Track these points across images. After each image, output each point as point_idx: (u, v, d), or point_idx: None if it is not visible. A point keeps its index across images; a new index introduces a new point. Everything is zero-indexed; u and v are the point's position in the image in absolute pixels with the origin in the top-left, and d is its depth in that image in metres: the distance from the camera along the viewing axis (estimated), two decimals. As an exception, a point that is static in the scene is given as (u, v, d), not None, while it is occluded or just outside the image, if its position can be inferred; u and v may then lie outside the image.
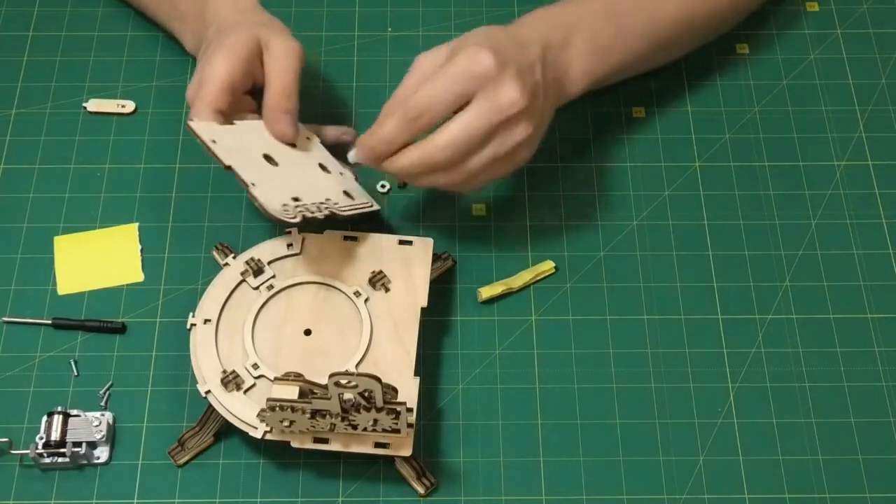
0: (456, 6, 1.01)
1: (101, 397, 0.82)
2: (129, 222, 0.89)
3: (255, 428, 0.75)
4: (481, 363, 0.84)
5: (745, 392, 0.83)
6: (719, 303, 0.86)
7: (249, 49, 0.82)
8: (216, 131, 0.79)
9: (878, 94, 0.97)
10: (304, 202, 0.79)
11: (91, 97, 0.95)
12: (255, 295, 0.81)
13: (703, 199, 0.91)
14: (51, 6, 1.01)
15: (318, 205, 0.79)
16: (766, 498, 0.79)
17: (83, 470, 0.79)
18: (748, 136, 0.95)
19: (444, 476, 0.79)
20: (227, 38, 0.83)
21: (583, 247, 0.89)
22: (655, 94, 0.96)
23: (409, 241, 0.84)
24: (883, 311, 0.86)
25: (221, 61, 0.81)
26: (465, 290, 0.87)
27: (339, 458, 0.79)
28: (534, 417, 0.82)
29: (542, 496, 0.79)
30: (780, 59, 0.99)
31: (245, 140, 0.81)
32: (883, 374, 0.84)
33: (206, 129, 0.79)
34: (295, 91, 0.83)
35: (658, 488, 0.79)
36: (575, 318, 0.86)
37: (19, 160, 0.92)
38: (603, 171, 0.93)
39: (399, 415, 0.72)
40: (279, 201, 0.77)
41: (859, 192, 0.92)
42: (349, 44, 0.99)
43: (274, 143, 0.83)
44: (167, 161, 0.92)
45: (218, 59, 0.81)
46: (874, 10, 1.02)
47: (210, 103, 0.80)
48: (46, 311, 0.85)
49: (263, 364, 0.78)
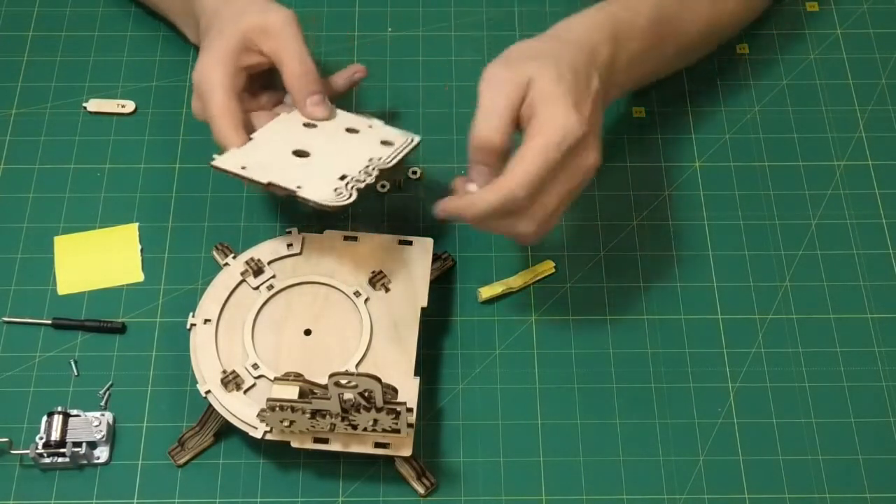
0: (456, 6, 1.01)
1: (101, 397, 0.82)
2: (129, 222, 0.89)
3: (255, 428, 0.75)
4: (481, 363, 0.84)
5: (745, 392, 0.83)
6: (719, 303, 0.86)
7: (235, 47, 0.80)
8: (239, 156, 0.78)
9: (878, 94, 0.97)
10: (350, 175, 0.78)
11: (91, 97, 0.95)
12: (255, 295, 0.81)
13: (703, 199, 0.91)
14: (51, 6, 1.01)
15: (364, 170, 0.78)
16: (766, 498, 0.79)
17: (83, 470, 0.79)
18: (748, 136, 0.95)
19: (444, 476, 0.79)
20: (212, 41, 0.81)
21: (583, 247, 0.89)
22: (655, 94, 0.96)
23: (409, 241, 0.84)
24: (883, 311, 0.86)
25: (214, 72, 0.80)
26: (465, 290, 0.87)
27: (339, 458, 0.79)
28: (534, 417, 0.82)
29: (542, 496, 0.79)
30: (780, 59, 0.99)
31: (269, 147, 0.80)
32: (883, 374, 0.84)
33: (229, 160, 0.78)
34: (311, 66, 0.81)
35: (658, 488, 0.79)
36: (575, 318, 0.86)
37: (19, 160, 0.92)
38: (603, 171, 0.92)
39: (399, 415, 0.72)
40: (329, 189, 0.76)
41: (859, 192, 0.92)
42: (349, 44, 0.99)
43: (295, 134, 0.82)
44: (167, 161, 0.92)
45: (211, 72, 0.80)
46: (874, 10, 1.02)
47: (227, 121, 0.79)
48: (46, 311, 0.85)
49: (263, 364, 0.78)
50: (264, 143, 0.80)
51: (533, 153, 0.74)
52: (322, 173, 0.78)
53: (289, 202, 0.77)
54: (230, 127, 0.79)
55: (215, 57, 0.80)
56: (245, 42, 0.81)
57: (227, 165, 0.77)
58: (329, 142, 0.82)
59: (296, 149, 0.80)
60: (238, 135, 0.79)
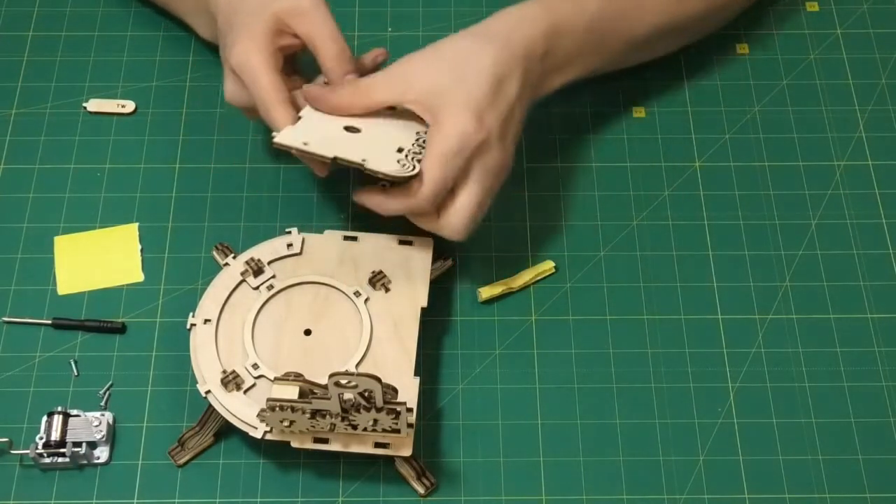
0: (456, 6, 1.01)
1: (101, 397, 0.82)
2: (129, 222, 0.89)
3: (255, 428, 0.75)
4: (481, 363, 0.84)
5: (745, 392, 0.83)
6: (719, 303, 0.86)
7: (270, 29, 0.80)
8: (299, 133, 0.78)
9: (878, 94, 0.97)
10: (406, 148, 0.78)
11: (91, 97, 0.95)
12: (255, 295, 0.81)
13: (703, 199, 0.91)
14: (51, 6, 1.01)
15: (417, 142, 0.79)
16: (766, 498, 0.79)
17: (83, 470, 0.79)
18: (748, 136, 0.95)
19: (444, 476, 0.79)
20: (243, 27, 0.81)
21: (583, 247, 0.89)
22: (655, 94, 0.96)
23: (409, 241, 0.84)
24: (883, 311, 0.86)
25: (255, 55, 0.80)
26: (465, 290, 0.87)
27: (339, 458, 0.79)
28: (534, 417, 0.82)
29: (542, 496, 0.79)
30: (780, 59, 0.99)
31: (322, 125, 0.80)
32: (883, 374, 0.84)
33: (289, 136, 0.77)
34: (345, 46, 0.82)
35: (658, 488, 0.79)
36: (575, 318, 0.86)
37: (19, 160, 0.92)
38: (603, 171, 0.93)
39: (399, 415, 0.72)
40: (392, 160, 0.77)
41: (859, 192, 0.92)
42: (349, 44, 0.98)
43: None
44: (167, 161, 0.92)
45: (251, 55, 0.80)
46: (874, 10, 1.02)
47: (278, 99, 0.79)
48: (46, 311, 0.85)
49: (263, 364, 0.78)
50: (315, 120, 0.80)
51: (432, 163, 0.77)
52: (380, 146, 0.78)
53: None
54: (281, 104, 0.79)
55: (254, 40, 0.80)
56: (278, 24, 0.81)
57: (291, 141, 0.77)
58: (374, 117, 0.81)
59: (346, 125, 0.80)
60: (289, 111, 0.79)
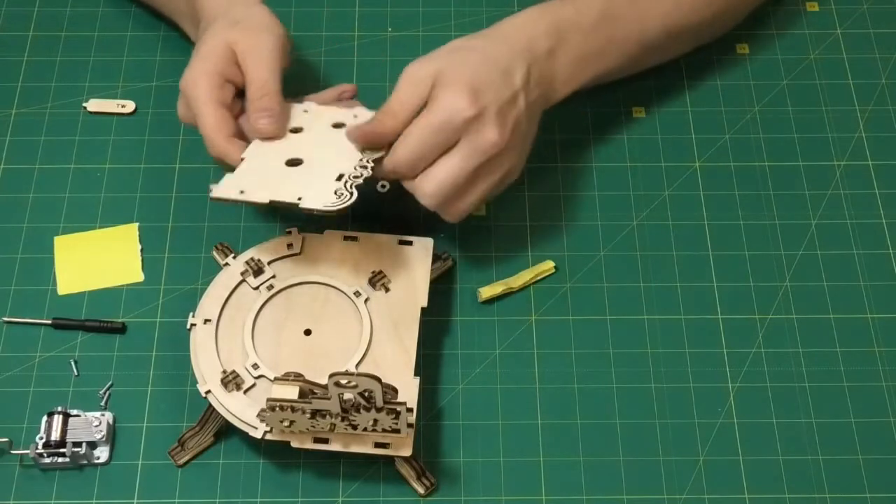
0: (456, 6, 1.01)
1: (101, 397, 0.82)
2: (129, 222, 0.89)
3: (255, 428, 0.75)
4: (481, 363, 0.84)
5: (745, 392, 0.83)
6: (719, 303, 0.86)
7: (220, 56, 0.80)
8: (235, 180, 0.78)
9: (878, 94, 0.97)
10: (346, 174, 0.78)
11: (91, 97, 0.95)
12: (255, 295, 0.81)
13: (703, 199, 0.91)
14: (51, 6, 1.01)
15: (359, 165, 0.79)
16: (766, 498, 0.79)
17: (83, 470, 0.79)
18: (748, 136, 0.95)
19: (444, 476, 0.79)
20: (198, 49, 0.81)
21: (583, 247, 0.89)
22: (655, 94, 0.96)
23: (409, 241, 0.84)
24: (883, 311, 0.86)
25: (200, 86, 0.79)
26: (465, 290, 0.87)
27: (339, 458, 0.79)
28: (534, 417, 0.82)
29: (542, 496, 0.79)
30: (780, 59, 0.99)
31: (261, 162, 0.79)
32: (883, 374, 0.84)
33: (226, 187, 0.77)
34: (271, 87, 0.80)
35: (658, 488, 0.79)
36: (575, 318, 0.86)
37: (19, 160, 0.92)
38: (603, 171, 0.93)
39: (399, 415, 0.72)
40: (329, 192, 0.76)
41: (859, 192, 0.92)
42: (349, 44, 0.99)
43: (284, 142, 0.81)
44: (167, 161, 0.92)
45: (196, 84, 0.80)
46: (874, 10, 1.02)
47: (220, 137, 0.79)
48: (46, 311, 0.85)
49: (263, 364, 0.78)
50: (256, 159, 0.79)
51: (414, 130, 0.78)
52: (319, 177, 0.78)
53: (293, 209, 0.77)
54: (224, 141, 0.79)
55: (202, 68, 0.80)
56: (229, 53, 0.81)
57: (225, 193, 0.77)
58: (319, 142, 0.81)
59: (288, 158, 0.80)
60: (233, 146, 0.79)
